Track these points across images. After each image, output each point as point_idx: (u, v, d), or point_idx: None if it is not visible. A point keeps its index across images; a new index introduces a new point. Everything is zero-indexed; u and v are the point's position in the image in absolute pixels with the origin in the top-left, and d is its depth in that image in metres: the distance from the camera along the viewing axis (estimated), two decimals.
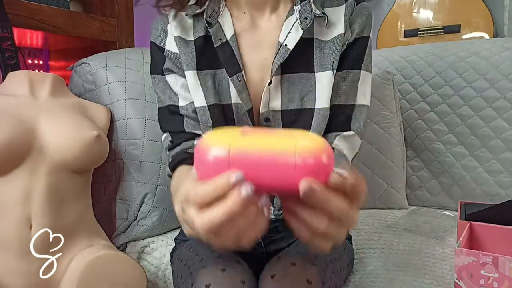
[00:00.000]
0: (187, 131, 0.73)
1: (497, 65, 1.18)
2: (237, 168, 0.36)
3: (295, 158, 0.36)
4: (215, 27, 0.71)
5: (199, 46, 0.71)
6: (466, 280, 0.67)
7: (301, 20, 0.69)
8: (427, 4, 1.77)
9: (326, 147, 0.38)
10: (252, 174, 0.36)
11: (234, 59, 0.70)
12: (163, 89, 0.75)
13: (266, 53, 0.72)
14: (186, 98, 0.73)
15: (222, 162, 0.36)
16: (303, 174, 0.36)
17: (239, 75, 0.69)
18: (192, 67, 0.71)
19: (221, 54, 0.70)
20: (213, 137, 0.38)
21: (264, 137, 0.38)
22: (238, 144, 0.37)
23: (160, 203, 1.00)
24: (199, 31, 0.72)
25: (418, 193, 1.27)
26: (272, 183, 0.37)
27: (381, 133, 1.21)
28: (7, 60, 0.94)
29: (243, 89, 0.70)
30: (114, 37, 1.32)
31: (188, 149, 0.72)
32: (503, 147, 1.15)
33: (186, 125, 0.73)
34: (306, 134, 0.40)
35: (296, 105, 0.71)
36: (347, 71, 0.72)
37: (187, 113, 0.73)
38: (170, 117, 0.74)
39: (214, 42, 0.70)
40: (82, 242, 0.81)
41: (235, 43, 0.70)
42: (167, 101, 0.74)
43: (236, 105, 0.71)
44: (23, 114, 0.80)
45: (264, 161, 0.36)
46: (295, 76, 0.71)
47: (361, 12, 0.73)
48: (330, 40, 0.71)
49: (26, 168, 0.76)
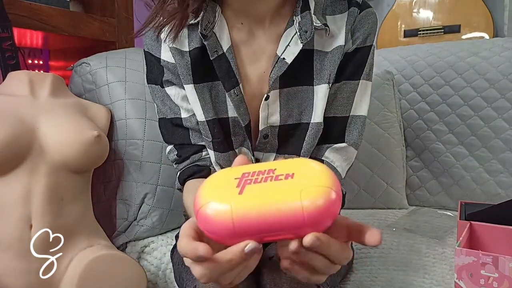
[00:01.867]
0: (194, 143, 0.72)
1: (497, 65, 1.18)
2: (242, 232, 0.35)
3: (303, 216, 0.34)
4: (211, 39, 0.66)
5: (195, 58, 0.68)
6: (466, 280, 0.67)
7: (300, 34, 0.65)
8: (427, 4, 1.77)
9: (332, 184, 0.36)
10: (257, 236, 0.36)
11: (231, 72, 0.66)
12: (162, 100, 0.73)
13: (264, 65, 0.69)
14: (188, 110, 0.71)
15: (227, 226, 0.35)
16: (311, 225, 0.35)
17: (236, 89, 0.66)
18: (189, 80, 0.68)
19: (218, 67, 0.66)
20: (211, 197, 0.37)
21: (266, 196, 0.36)
22: (240, 208, 0.35)
23: (160, 203, 1.00)
24: (195, 42, 0.68)
25: (418, 193, 1.27)
26: (277, 239, 0.37)
27: (381, 133, 1.21)
28: (7, 60, 0.94)
29: (241, 104, 0.67)
30: (114, 37, 1.32)
31: (197, 161, 0.72)
32: (503, 147, 1.15)
33: (192, 137, 0.72)
34: (309, 172, 0.37)
35: (294, 120, 0.69)
36: (345, 82, 0.69)
37: (191, 126, 0.71)
38: (173, 129, 0.73)
39: (210, 54, 0.66)
40: (82, 242, 0.80)
41: (232, 55, 0.66)
42: (168, 114, 0.72)
43: (233, 119, 0.69)
44: (23, 114, 0.80)
45: (270, 226, 0.35)
46: (294, 90, 0.68)
47: (364, 20, 0.68)
48: (331, 51, 0.68)
49: (26, 168, 0.76)
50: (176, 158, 0.73)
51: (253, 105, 0.69)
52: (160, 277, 0.92)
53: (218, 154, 0.70)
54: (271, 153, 0.72)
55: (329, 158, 0.70)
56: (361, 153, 1.20)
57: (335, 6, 0.69)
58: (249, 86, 0.69)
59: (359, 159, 1.20)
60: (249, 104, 0.69)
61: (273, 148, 0.72)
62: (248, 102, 0.68)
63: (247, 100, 0.68)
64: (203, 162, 0.72)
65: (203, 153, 0.73)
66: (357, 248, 0.94)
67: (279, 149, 0.72)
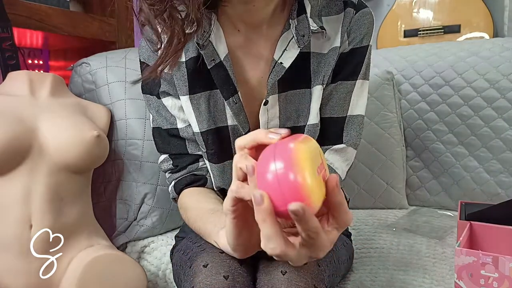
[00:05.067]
0: (191, 153, 0.72)
1: (497, 65, 1.18)
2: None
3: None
4: (207, 48, 0.65)
5: (191, 68, 0.67)
6: (466, 280, 0.67)
7: (298, 38, 0.64)
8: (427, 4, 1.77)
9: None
10: None
11: (229, 80, 0.65)
12: (157, 110, 0.72)
13: (262, 70, 0.68)
14: (184, 120, 0.71)
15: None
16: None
17: (235, 97, 0.66)
18: (184, 92, 0.67)
19: (215, 75, 0.65)
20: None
21: None
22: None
23: (160, 203, 1.00)
24: (191, 51, 0.67)
25: (418, 193, 1.27)
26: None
27: (381, 133, 1.21)
28: (7, 60, 0.94)
29: (240, 112, 0.66)
30: (114, 37, 1.32)
31: (194, 171, 0.72)
32: (503, 147, 1.15)
33: (189, 147, 0.72)
34: None
35: (293, 123, 0.69)
36: (341, 82, 0.69)
37: (188, 136, 0.71)
38: (169, 139, 0.73)
39: (207, 63, 0.65)
40: (82, 242, 0.80)
41: (230, 63, 0.65)
42: (164, 124, 0.72)
43: (232, 127, 0.69)
44: (23, 114, 0.80)
45: None
46: (292, 93, 0.68)
47: (360, 21, 0.68)
48: (327, 53, 0.67)
49: (25, 168, 0.76)
50: (172, 168, 0.73)
51: (253, 111, 0.68)
52: (160, 277, 0.92)
53: (212, 165, 0.70)
54: None
55: (328, 160, 0.70)
56: (361, 153, 1.21)
57: (331, 7, 0.68)
58: (248, 92, 0.68)
59: (359, 159, 1.20)
60: (249, 111, 0.68)
61: None
62: (247, 108, 0.68)
63: (246, 106, 0.68)
64: (200, 172, 0.73)
65: (200, 163, 0.73)
66: (357, 248, 0.94)
67: None
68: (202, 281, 0.54)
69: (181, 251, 0.72)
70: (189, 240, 0.74)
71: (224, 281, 0.53)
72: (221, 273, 0.54)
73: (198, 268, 0.57)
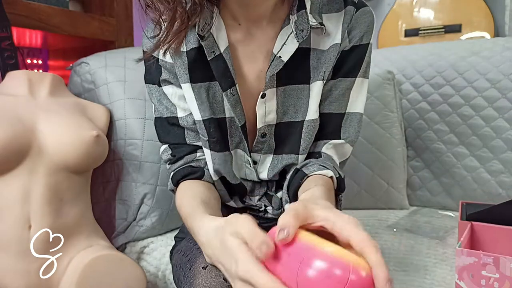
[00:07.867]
0: (189, 143, 0.72)
1: (498, 65, 1.18)
2: None
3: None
4: (208, 39, 0.66)
5: (192, 58, 0.68)
6: (467, 280, 0.67)
7: (297, 33, 0.65)
8: (427, 4, 1.77)
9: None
10: None
11: (227, 72, 0.66)
12: (159, 99, 0.73)
13: (261, 64, 0.69)
14: (184, 109, 0.71)
15: None
16: None
17: (233, 89, 0.66)
18: (186, 80, 0.68)
19: (214, 67, 0.66)
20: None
21: None
22: None
23: (159, 204, 0.99)
24: (192, 42, 0.68)
25: (419, 193, 1.27)
26: None
27: (382, 133, 1.21)
28: (6, 59, 0.94)
29: (237, 104, 0.67)
30: (113, 37, 1.32)
31: (191, 162, 0.72)
32: (504, 147, 1.15)
33: (187, 137, 0.72)
34: None
35: (290, 118, 0.70)
36: (341, 79, 0.70)
37: (187, 125, 0.71)
38: (169, 128, 0.73)
39: (207, 54, 0.66)
40: (81, 242, 0.80)
41: (229, 56, 0.66)
42: (165, 113, 0.73)
43: (230, 119, 0.69)
44: (22, 114, 0.80)
45: None
46: (290, 88, 0.69)
47: (360, 19, 0.68)
48: (327, 50, 0.68)
49: (25, 168, 0.76)
50: (170, 158, 0.73)
51: (250, 105, 0.69)
52: (159, 277, 0.92)
53: (214, 153, 0.70)
54: (268, 155, 0.72)
55: (327, 153, 0.71)
56: (361, 153, 1.21)
57: (332, 5, 0.69)
58: (247, 86, 0.69)
59: (360, 159, 1.20)
60: (246, 104, 0.69)
61: (270, 149, 0.72)
62: (245, 101, 0.68)
63: (244, 99, 0.68)
64: (197, 164, 0.72)
65: (197, 154, 0.72)
66: None
67: (276, 150, 0.72)
68: (201, 283, 0.54)
69: (181, 252, 0.72)
70: (188, 241, 0.73)
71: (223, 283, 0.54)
72: (220, 275, 0.54)
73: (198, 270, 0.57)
